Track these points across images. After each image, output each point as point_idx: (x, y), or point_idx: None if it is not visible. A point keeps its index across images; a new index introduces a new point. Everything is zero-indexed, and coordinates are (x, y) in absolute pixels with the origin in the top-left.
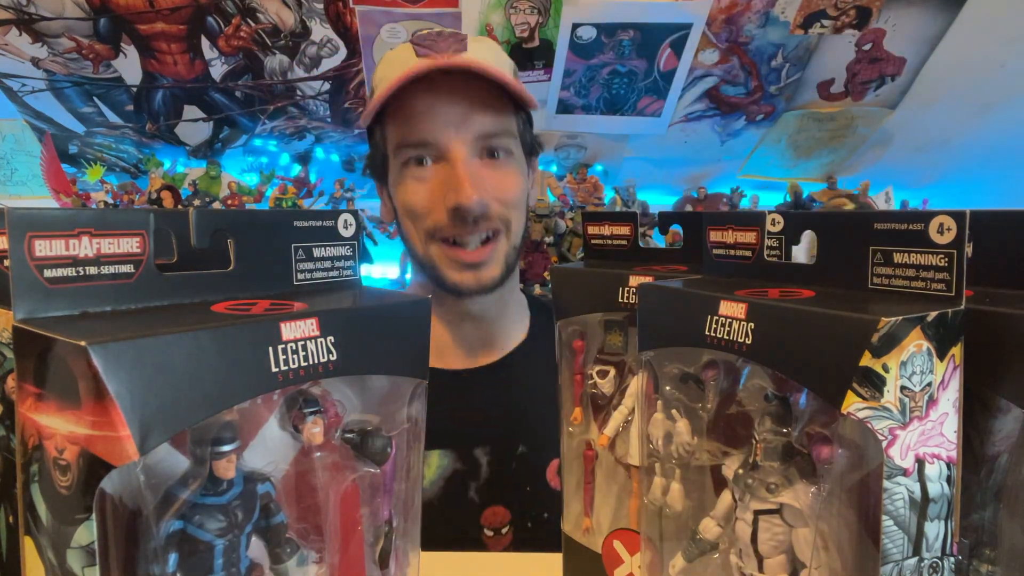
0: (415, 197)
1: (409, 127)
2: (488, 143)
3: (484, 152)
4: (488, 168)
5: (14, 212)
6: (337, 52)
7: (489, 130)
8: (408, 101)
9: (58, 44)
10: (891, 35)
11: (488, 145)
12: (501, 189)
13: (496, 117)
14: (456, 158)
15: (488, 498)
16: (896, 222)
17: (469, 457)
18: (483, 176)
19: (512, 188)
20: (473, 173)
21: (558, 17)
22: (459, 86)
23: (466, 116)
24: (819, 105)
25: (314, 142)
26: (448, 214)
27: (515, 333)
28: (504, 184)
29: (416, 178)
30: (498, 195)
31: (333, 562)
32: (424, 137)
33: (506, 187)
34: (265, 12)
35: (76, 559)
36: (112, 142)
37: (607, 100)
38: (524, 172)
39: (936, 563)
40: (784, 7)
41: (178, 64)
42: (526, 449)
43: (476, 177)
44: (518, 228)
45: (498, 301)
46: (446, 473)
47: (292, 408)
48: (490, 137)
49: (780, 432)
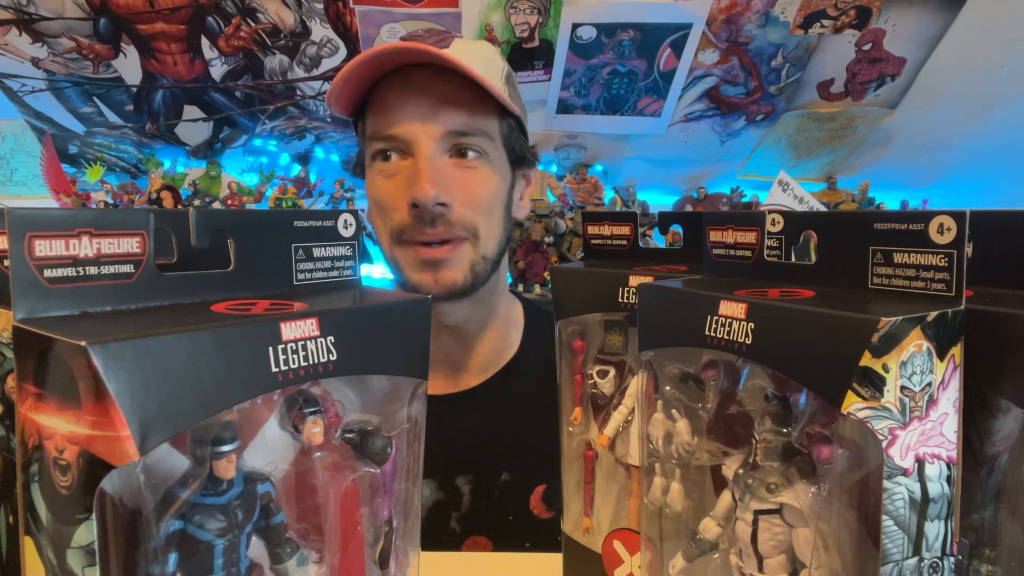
0: (381, 192)
1: (380, 119)
2: (458, 140)
3: (454, 150)
4: (456, 167)
5: (14, 212)
6: (337, 52)
7: (459, 127)
8: (382, 94)
9: (58, 44)
10: (891, 35)
11: (458, 143)
12: (467, 189)
13: (469, 115)
14: (420, 152)
15: (470, 528)
16: (896, 222)
17: (451, 486)
18: (448, 174)
19: (480, 189)
20: (436, 169)
21: (558, 17)
22: (432, 81)
23: (434, 111)
24: (819, 105)
25: (314, 142)
26: (407, 211)
27: (502, 352)
28: (471, 184)
29: (383, 173)
30: (463, 195)
31: (333, 562)
32: (391, 131)
33: (473, 187)
34: (265, 12)
35: (76, 559)
36: (112, 142)
37: (607, 100)
38: (501, 177)
39: (936, 563)
40: (784, 7)
41: (178, 64)
42: (509, 477)
43: (438, 173)
44: (490, 237)
45: (477, 313)
46: (427, 503)
47: (292, 408)
48: (460, 135)
49: (780, 432)
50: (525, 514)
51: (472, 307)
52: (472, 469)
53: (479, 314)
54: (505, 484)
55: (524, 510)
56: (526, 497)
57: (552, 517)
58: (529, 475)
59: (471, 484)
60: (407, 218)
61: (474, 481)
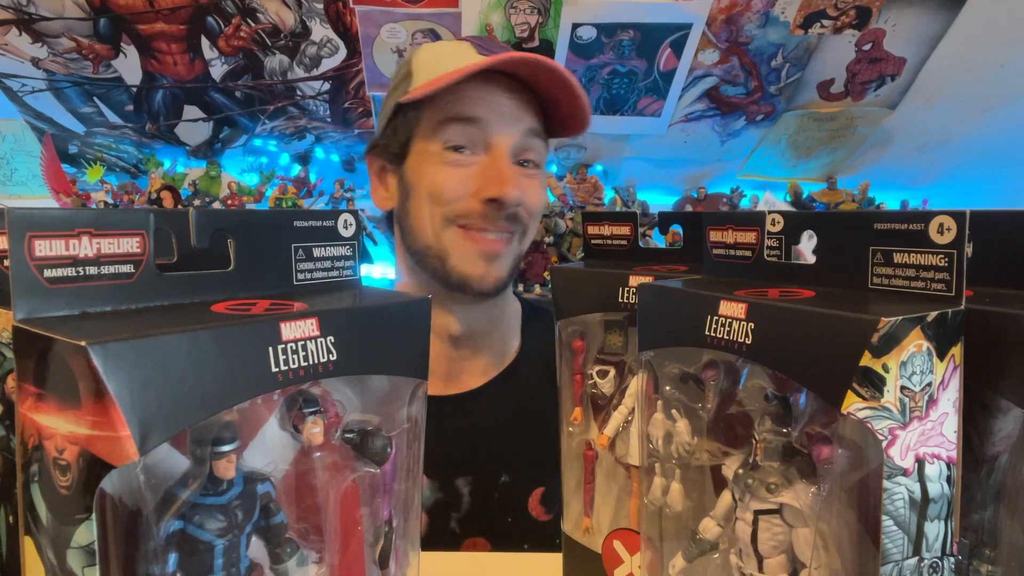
0: (448, 183)
1: (460, 104)
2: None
3: (519, 159)
4: (520, 175)
5: (14, 212)
6: (337, 52)
7: (532, 133)
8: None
9: (58, 44)
10: (891, 35)
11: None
12: (529, 195)
13: (536, 124)
14: (500, 153)
15: (469, 529)
16: (896, 222)
17: (451, 487)
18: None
19: (537, 199)
20: (514, 171)
21: (558, 17)
22: (511, 86)
23: (517, 114)
24: (819, 105)
25: (314, 142)
26: (483, 204)
27: (504, 354)
28: (532, 191)
29: (451, 163)
30: (526, 200)
31: (333, 562)
32: (475, 113)
33: (533, 195)
34: (265, 12)
35: (76, 559)
36: (112, 142)
37: (607, 100)
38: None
39: (936, 563)
40: (784, 7)
41: (178, 64)
42: (508, 479)
43: (515, 172)
44: (529, 236)
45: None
46: (427, 504)
47: (292, 408)
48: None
49: (780, 432)
50: (524, 516)
51: (482, 312)
52: (472, 470)
53: (489, 319)
54: (504, 486)
55: (523, 512)
56: (524, 499)
57: (551, 520)
58: (527, 477)
59: (471, 485)
60: (475, 208)
61: (474, 482)
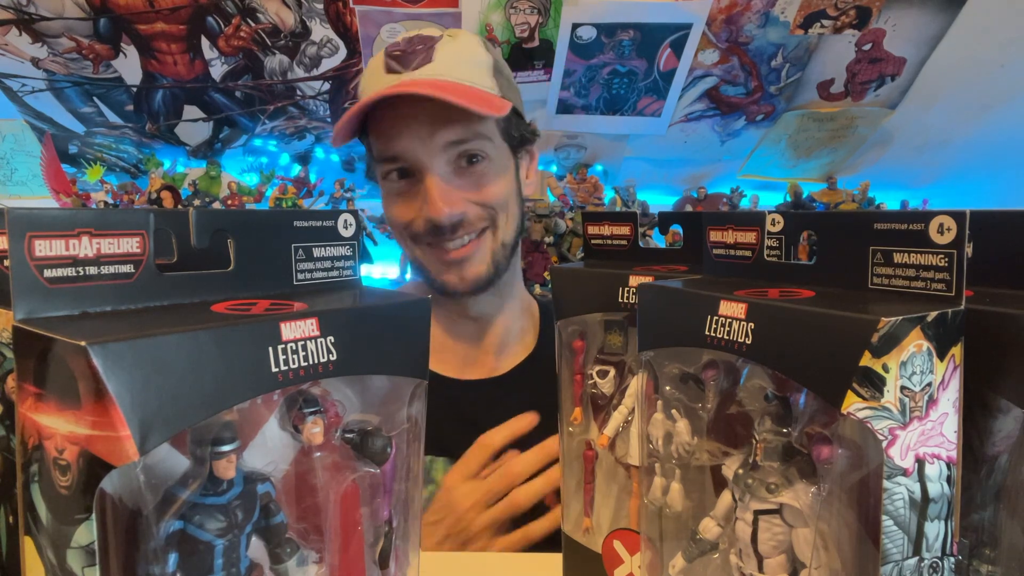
0: (396, 209)
1: (382, 143)
2: (460, 149)
3: (459, 159)
4: (464, 176)
5: (14, 212)
6: (337, 52)
7: (458, 138)
8: (380, 116)
9: (58, 44)
10: (891, 35)
11: (461, 151)
12: (479, 195)
13: (465, 125)
14: (425, 171)
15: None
16: (896, 222)
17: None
18: (457, 185)
19: (492, 191)
20: (445, 188)
21: (558, 17)
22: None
23: (432, 131)
24: (819, 105)
25: (314, 142)
26: (424, 226)
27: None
28: (481, 189)
29: (395, 192)
30: (476, 199)
31: (333, 562)
32: (394, 153)
33: (484, 192)
34: (265, 12)
35: (76, 559)
36: (112, 142)
37: (607, 100)
38: (508, 170)
39: (936, 563)
40: (784, 7)
41: (178, 64)
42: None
43: (446, 192)
44: (507, 224)
45: (496, 301)
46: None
47: (292, 408)
48: (461, 144)
49: (780, 432)
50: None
51: (493, 298)
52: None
53: (499, 302)
54: None
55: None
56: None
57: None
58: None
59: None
60: (426, 228)
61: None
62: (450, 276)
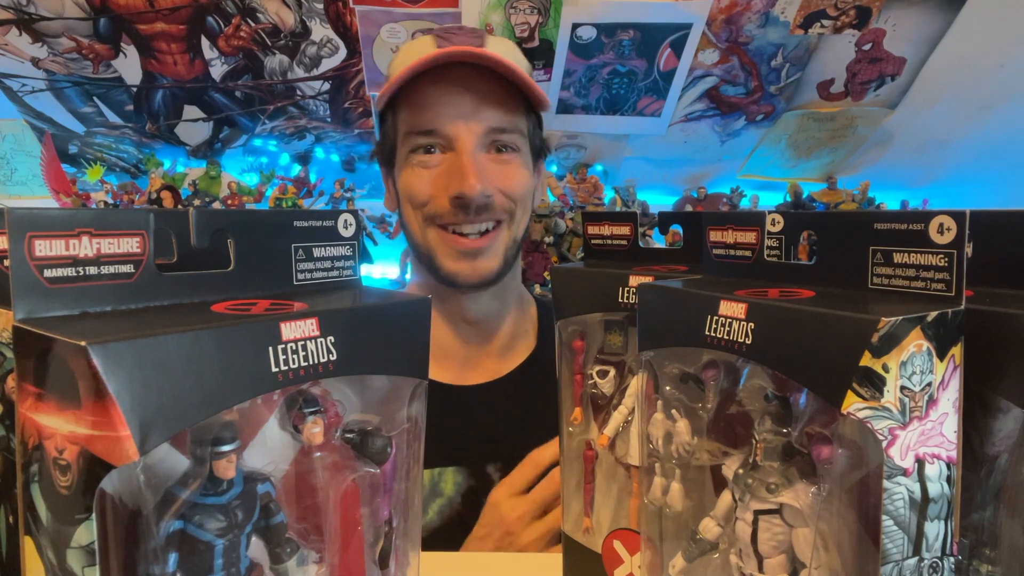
0: (419, 184)
1: (419, 115)
2: (497, 138)
3: (492, 147)
4: (494, 162)
5: (14, 212)
6: (337, 52)
7: (498, 125)
8: (420, 90)
9: (58, 44)
10: (891, 35)
11: (496, 140)
12: (506, 181)
13: (506, 114)
14: (463, 148)
15: None
16: (896, 222)
17: (482, 473)
18: (489, 168)
19: (517, 182)
20: (479, 164)
21: (558, 17)
22: (472, 79)
23: (476, 109)
24: (819, 105)
25: (314, 142)
26: (450, 202)
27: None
28: (509, 177)
29: (422, 165)
30: (503, 186)
31: (333, 562)
32: (433, 126)
33: (511, 180)
34: (265, 12)
35: (76, 559)
36: (112, 142)
37: (607, 100)
38: (529, 170)
39: (936, 563)
40: (784, 7)
41: (178, 64)
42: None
43: (481, 168)
44: (521, 221)
45: (495, 303)
46: (462, 489)
47: (292, 408)
48: (499, 132)
49: (780, 432)
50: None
51: (492, 299)
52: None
53: (500, 300)
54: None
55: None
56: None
57: None
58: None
59: (500, 472)
60: (447, 207)
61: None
62: (462, 266)
